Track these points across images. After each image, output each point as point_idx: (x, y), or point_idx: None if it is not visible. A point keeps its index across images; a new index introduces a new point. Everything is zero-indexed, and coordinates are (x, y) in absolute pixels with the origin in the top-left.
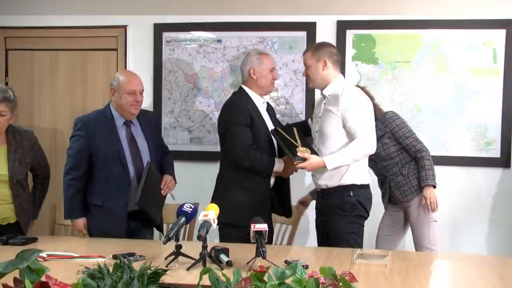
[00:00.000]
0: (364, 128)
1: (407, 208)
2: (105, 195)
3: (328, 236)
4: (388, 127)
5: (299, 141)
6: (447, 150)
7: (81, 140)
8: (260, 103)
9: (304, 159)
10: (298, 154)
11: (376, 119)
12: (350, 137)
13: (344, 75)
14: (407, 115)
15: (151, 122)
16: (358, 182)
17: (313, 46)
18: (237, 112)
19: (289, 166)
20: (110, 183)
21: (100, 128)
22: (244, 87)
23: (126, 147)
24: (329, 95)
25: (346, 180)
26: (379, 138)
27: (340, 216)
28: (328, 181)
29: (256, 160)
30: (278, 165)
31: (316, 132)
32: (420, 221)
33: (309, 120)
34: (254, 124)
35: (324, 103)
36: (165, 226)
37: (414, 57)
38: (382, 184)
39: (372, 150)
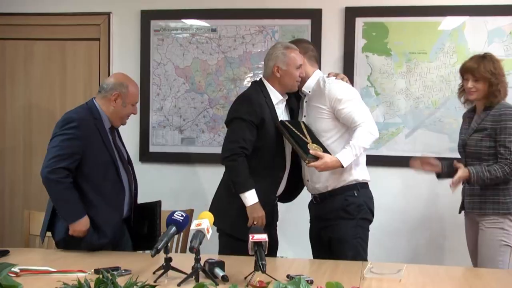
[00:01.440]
0: (362, 115)
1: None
2: (97, 204)
3: (330, 243)
4: (500, 123)
5: (308, 137)
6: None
7: (75, 141)
8: (279, 101)
9: (316, 158)
10: (311, 151)
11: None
12: (345, 129)
13: (353, 66)
14: (423, 113)
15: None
16: (361, 179)
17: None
18: (247, 107)
19: (258, 211)
20: (104, 191)
21: (95, 131)
22: (265, 82)
23: (116, 154)
24: (309, 91)
25: (349, 178)
26: (478, 130)
27: (344, 219)
28: (328, 182)
29: (236, 167)
30: (249, 198)
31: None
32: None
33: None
34: (264, 126)
35: (306, 101)
36: None
37: (431, 48)
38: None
39: (377, 134)
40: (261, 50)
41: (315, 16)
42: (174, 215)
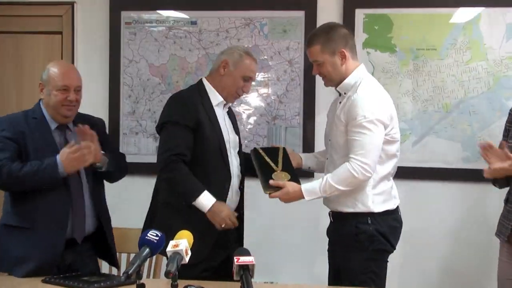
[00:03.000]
0: (363, 148)
1: None
2: (36, 215)
3: (339, 272)
4: None
5: (280, 164)
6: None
7: (7, 143)
8: (219, 103)
9: (279, 188)
10: (270, 182)
11: None
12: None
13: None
14: (433, 117)
15: (94, 128)
16: (378, 210)
17: (320, 35)
18: (180, 108)
19: (220, 211)
20: (44, 200)
21: (31, 132)
22: (204, 81)
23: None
24: (344, 93)
25: (362, 207)
26: None
27: (355, 249)
28: (338, 205)
29: (176, 177)
30: (205, 202)
31: (330, 140)
32: None
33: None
34: (200, 129)
35: (340, 102)
36: (124, 258)
37: (442, 43)
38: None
39: (366, 178)
40: (248, 46)
41: (309, 6)
42: (148, 234)
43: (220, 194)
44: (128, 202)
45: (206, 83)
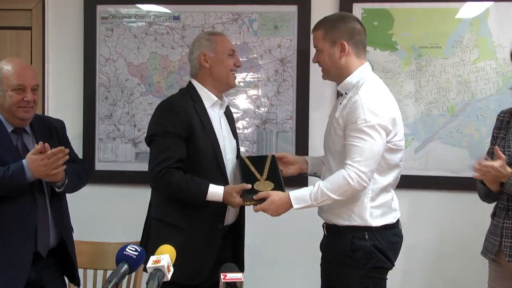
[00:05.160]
0: (362, 155)
1: None
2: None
3: None
4: None
5: (265, 173)
6: None
7: None
8: (214, 103)
9: (261, 199)
10: (255, 197)
11: None
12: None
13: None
14: (438, 121)
15: (52, 131)
16: (377, 224)
17: (327, 21)
18: (169, 117)
19: (233, 194)
20: (7, 211)
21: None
22: (194, 82)
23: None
24: (345, 93)
25: (358, 220)
26: None
27: (350, 266)
28: (333, 217)
29: (176, 184)
30: (216, 193)
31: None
32: None
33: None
34: (194, 138)
35: (340, 103)
36: (100, 275)
37: (447, 41)
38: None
39: (362, 188)
40: (236, 43)
41: (302, 1)
42: (126, 249)
43: (218, 204)
44: (105, 214)
45: (197, 84)
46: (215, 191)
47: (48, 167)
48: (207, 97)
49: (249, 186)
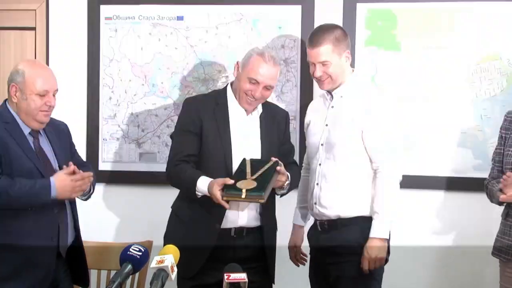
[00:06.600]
0: (392, 153)
1: None
2: (19, 231)
3: (338, 283)
4: None
5: (256, 174)
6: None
7: None
8: (238, 108)
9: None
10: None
11: None
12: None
13: (353, 64)
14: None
15: (61, 133)
16: None
17: (329, 35)
18: (183, 113)
19: (215, 186)
20: (27, 214)
21: (7, 138)
22: (228, 85)
23: (41, 163)
24: (341, 96)
25: (368, 211)
26: None
27: (359, 256)
28: (340, 209)
29: (176, 175)
30: (203, 188)
31: (322, 144)
32: None
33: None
34: (204, 135)
35: (333, 106)
36: (103, 275)
37: (451, 41)
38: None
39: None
40: (239, 44)
41: (306, 1)
42: (130, 249)
43: (217, 204)
44: (109, 214)
45: (229, 88)
46: (203, 182)
47: (73, 189)
48: (233, 102)
49: (231, 181)
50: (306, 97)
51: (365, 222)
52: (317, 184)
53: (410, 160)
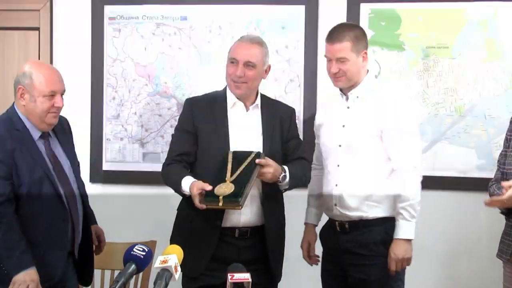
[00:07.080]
0: (414, 153)
1: None
2: (33, 237)
3: (364, 286)
4: None
5: (236, 174)
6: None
7: None
8: (234, 102)
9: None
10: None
11: None
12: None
13: None
14: (445, 122)
15: (65, 130)
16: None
17: (349, 32)
18: (182, 114)
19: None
20: (39, 220)
21: (17, 146)
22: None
23: (52, 169)
24: (357, 96)
25: (390, 210)
26: None
27: (384, 258)
28: (364, 210)
29: (168, 174)
30: (186, 188)
31: (340, 146)
32: None
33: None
34: (200, 133)
35: (349, 107)
36: (107, 275)
37: (454, 41)
38: None
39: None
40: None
41: (310, 1)
42: (134, 249)
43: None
44: (112, 214)
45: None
46: (186, 182)
47: None
48: (230, 97)
49: (210, 187)
50: (310, 97)
51: (388, 223)
52: (337, 185)
53: None
